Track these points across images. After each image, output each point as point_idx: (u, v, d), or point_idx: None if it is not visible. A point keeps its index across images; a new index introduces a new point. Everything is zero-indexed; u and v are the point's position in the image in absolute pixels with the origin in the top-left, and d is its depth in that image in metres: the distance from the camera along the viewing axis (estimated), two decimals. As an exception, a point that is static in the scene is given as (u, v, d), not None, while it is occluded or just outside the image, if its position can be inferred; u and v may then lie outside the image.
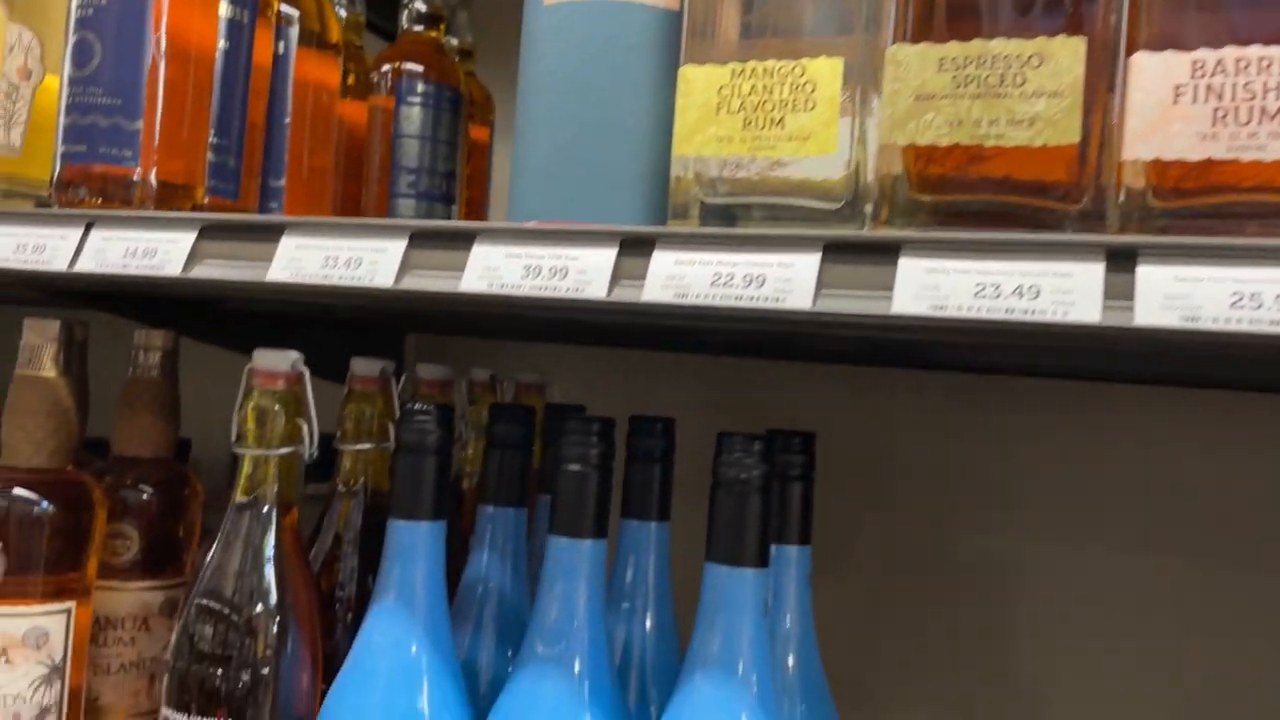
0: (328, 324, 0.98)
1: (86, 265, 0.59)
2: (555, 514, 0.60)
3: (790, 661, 0.62)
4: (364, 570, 0.72)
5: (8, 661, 0.68)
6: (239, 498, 0.62)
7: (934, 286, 0.42)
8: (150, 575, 0.79)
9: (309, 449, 0.63)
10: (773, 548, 0.62)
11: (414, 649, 0.60)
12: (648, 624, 0.69)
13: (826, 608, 1.09)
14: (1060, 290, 0.41)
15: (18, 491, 0.70)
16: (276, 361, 0.62)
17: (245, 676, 0.59)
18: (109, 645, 0.78)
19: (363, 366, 0.71)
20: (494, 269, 0.50)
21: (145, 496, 0.79)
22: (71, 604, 0.71)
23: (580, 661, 0.58)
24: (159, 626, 0.80)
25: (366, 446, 0.71)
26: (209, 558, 0.61)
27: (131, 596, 0.79)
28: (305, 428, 0.63)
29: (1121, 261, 0.41)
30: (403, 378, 0.79)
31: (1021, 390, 1.06)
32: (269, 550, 0.61)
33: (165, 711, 0.59)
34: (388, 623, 0.60)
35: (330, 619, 0.70)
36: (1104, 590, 1.02)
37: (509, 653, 0.69)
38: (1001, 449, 1.06)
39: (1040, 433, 1.05)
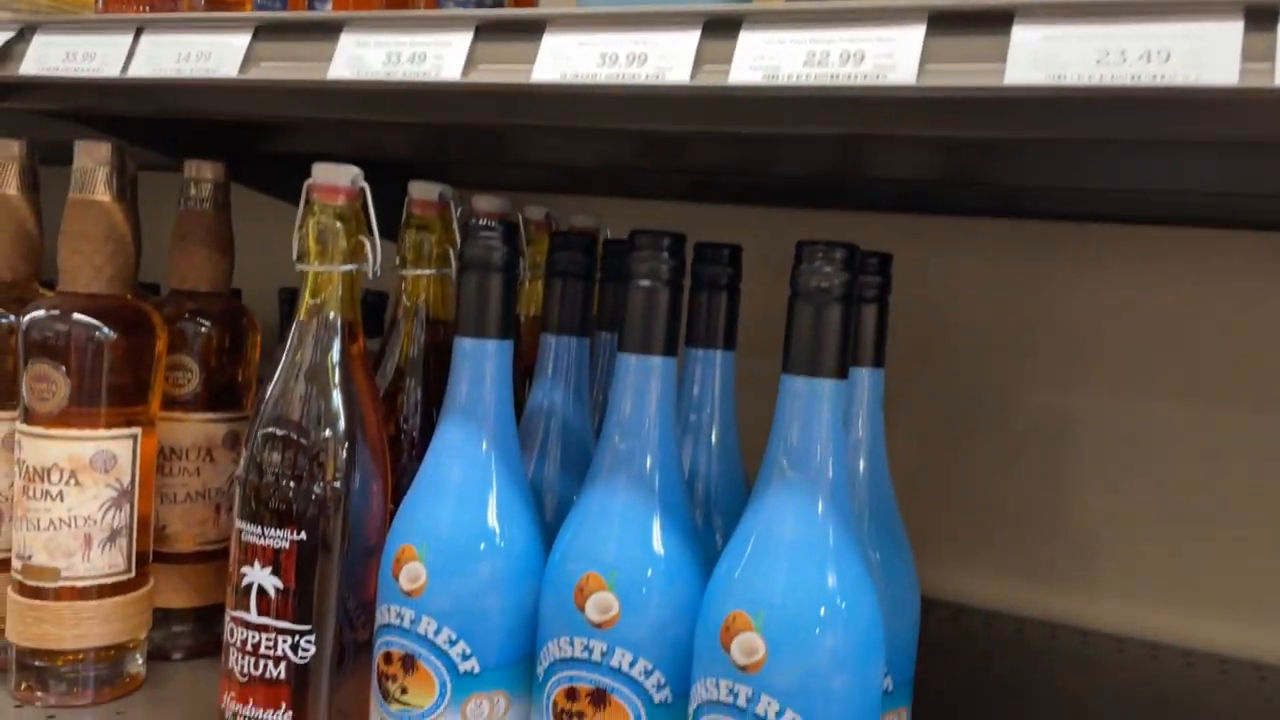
0: (370, 177, 0.96)
1: (139, 70, 0.57)
2: (625, 331, 0.58)
3: (864, 485, 0.61)
4: (426, 400, 0.72)
5: (77, 483, 0.69)
6: (302, 317, 0.61)
7: (1051, 55, 0.39)
8: (212, 408, 0.80)
9: (372, 266, 0.61)
10: (847, 370, 0.61)
11: (484, 464, 0.59)
12: (713, 453, 0.68)
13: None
14: (1192, 52, 0.37)
15: (78, 317, 0.69)
16: (336, 176, 0.60)
17: (315, 492, 0.58)
18: (174, 475, 0.79)
19: (421, 190, 0.69)
20: (567, 58, 0.48)
21: (204, 329, 0.79)
22: (137, 430, 0.71)
23: (652, 476, 0.57)
24: (222, 458, 0.80)
25: (428, 272, 0.69)
26: (275, 376, 0.61)
27: (194, 428, 0.79)
28: (367, 244, 0.61)
29: (1261, 19, 0.37)
30: (458, 210, 0.77)
31: (1083, 238, 1.02)
32: (335, 364, 0.60)
33: (238, 524, 0.59)
34: (456, 438, 0.60)
35: (394, 448, 0.70)
36: (1164, 442, 1.00)
37: (574, 480, 0.68)
38: (1061, 299, 1.03)
39: (1101, 282, 1.02)
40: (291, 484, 0.58)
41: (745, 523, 0.54)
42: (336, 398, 0.60)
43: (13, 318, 0.73)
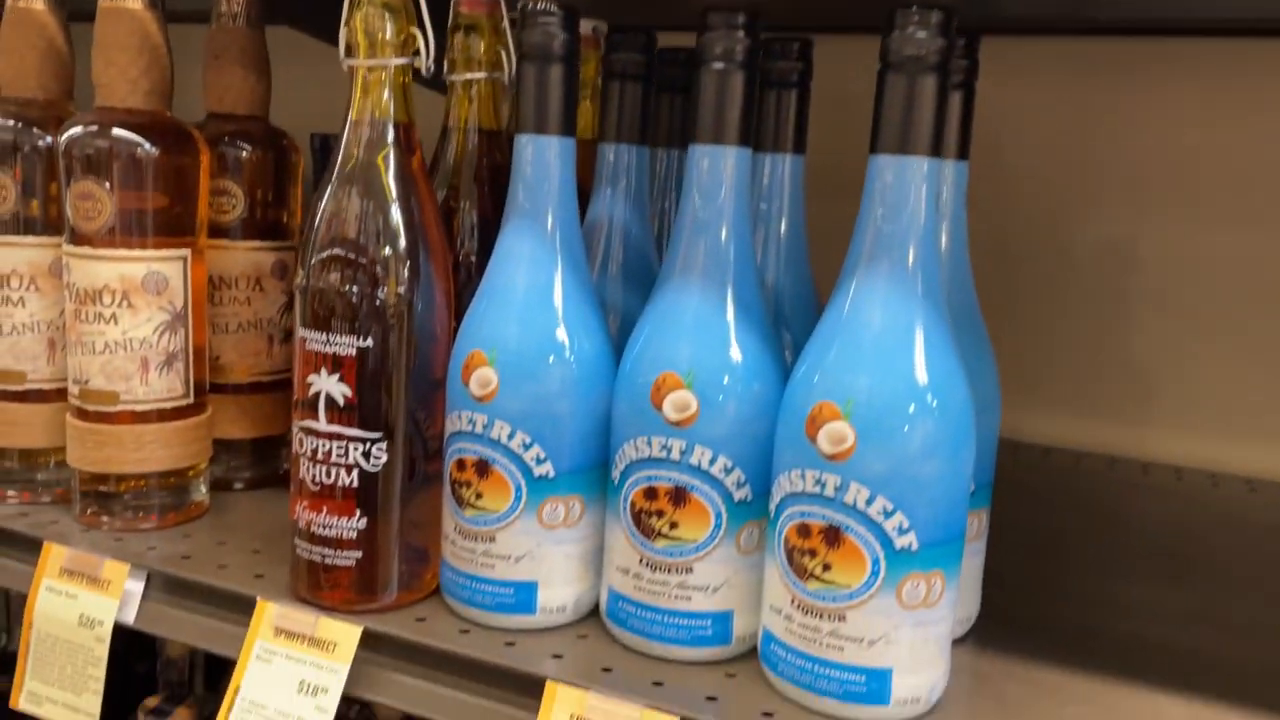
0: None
1: None
2: (698, 119, 0.55)
3: (948, 281, 0.59)
4: (480, 217, 0.69)
5: (129, 305, 0.67)
6: (353, 116, 0.58)
7: None
8: (259, 235, 0.77)
9: (425, 61, 0.58)
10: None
11: (550, 266, 0.57)
12: (783, 260, 0.65)
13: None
14: None
15: (118, 132, 0.66)
16: (383, -38, 0.56)
17: (379, 298, 0.56)
18: (225, 305, 0.77)
19: (469, -12, 0.65)
20: None
21: (245, 152, 0.76)
22: (186, 252, 0.69)
23: (726, 273, 0.55)
24: (272, 288, 0.78)
25: (478, 76, 0.66)
26: (329, 178, 0.58)
27: (243, 256, 0.77)
28: (420, 36, 0.57)
29: None
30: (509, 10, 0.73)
31: (1148, 58, 0.96)
32: (390, 164, 0.57)
33: (301, 332, 0.58)
34: (522, 241, 0.57)
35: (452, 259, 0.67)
36: (1221, 271, 0.97)
37: (636, 292, 0.66)
38: (1123, 124, 0.98)
39: (1164, 106, 0.97)
40: (354, 288, 0.56)
41: (830, 313, 0.52)
42: (394, 200, 0.58)
43: (50, 139, 0.71)
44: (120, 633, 0.65)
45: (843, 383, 0.50)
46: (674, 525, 0.55)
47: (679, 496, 0.54)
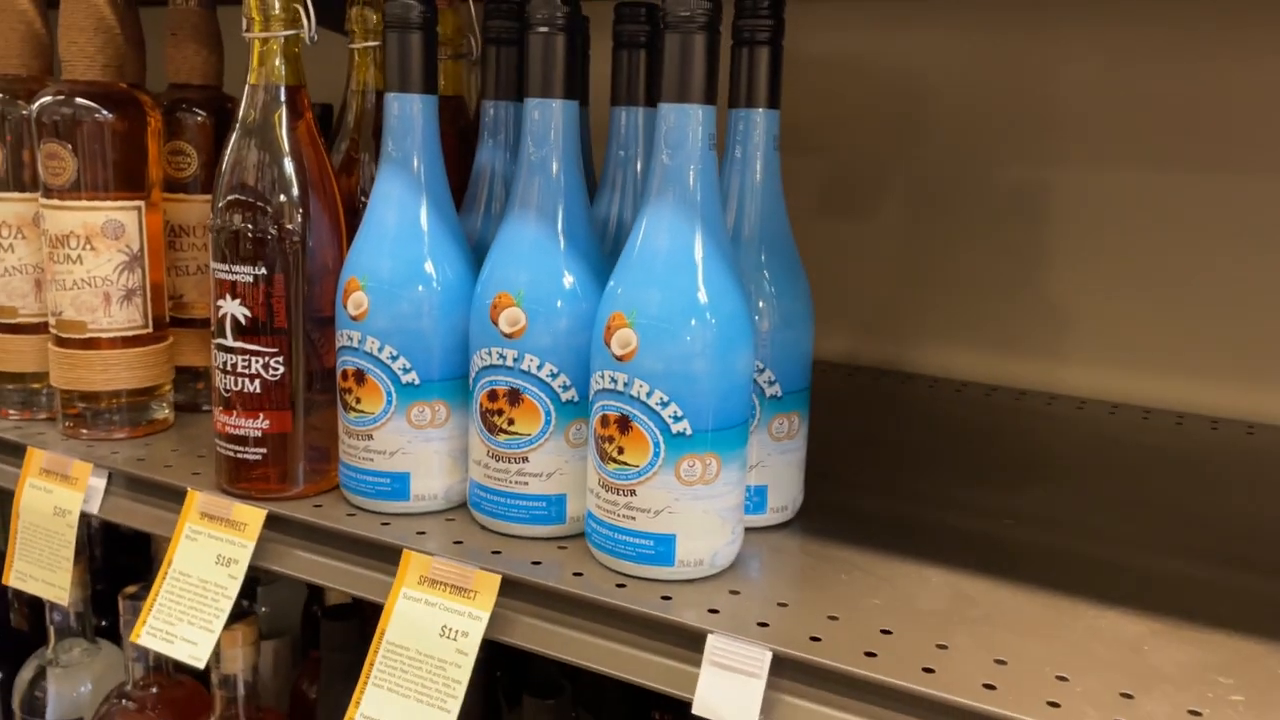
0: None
1: None
2: (528, 78, 0.64)
3: (759, 217, 0.67)
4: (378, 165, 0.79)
5: (92, 249, 0.80)
6: (251, 80, 0.69)
7: None
8: (211, 189, 0.89)
9: (309, 32, 0.68)
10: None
11: (415, 207, 0.67)
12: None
13: (862, 240, 1.14)
14: None
15: (79, 100, 0.78)
16: (270, -52, 0.67)
17: (270, 232, 0.67)
18: (185, 250, 0.89)
19: (364, -33, 0.75)
20: None
21: (199, 117, 0.88)
22: (140, 203, 0.81)
23: (555, 206, 0.64)
24: (225, 235, 0.90)
25: (374, 45, 0.76)
26: (232, 133, 0.69)
27: (197, 208, 0.89)
28: (302, 11, 0.68)
29: None
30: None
31: (1063, 6, 1.02)
32: (283, 122, 0.68)
33: (213, 265, 0.69)
34: (391, 185, 0.68)
35: (350, 216, 0.78)
36: (1135, 210, 1.02)
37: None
38: (1038, 71, 1.04)
39: (1074, 52, 1.02)
40: (251, 227, 0.67)
41: (628, 241, 0.61)
42: (286, 153, 0.68)
43: (29, 109, 0.83)
44: (126, 540, 0.76)
45: (630, 296, 0.59)
46: (511, 422, 0.65)
47: (514, 397, 0.64)
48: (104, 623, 1.07)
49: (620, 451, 0.60)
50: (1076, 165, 1.04)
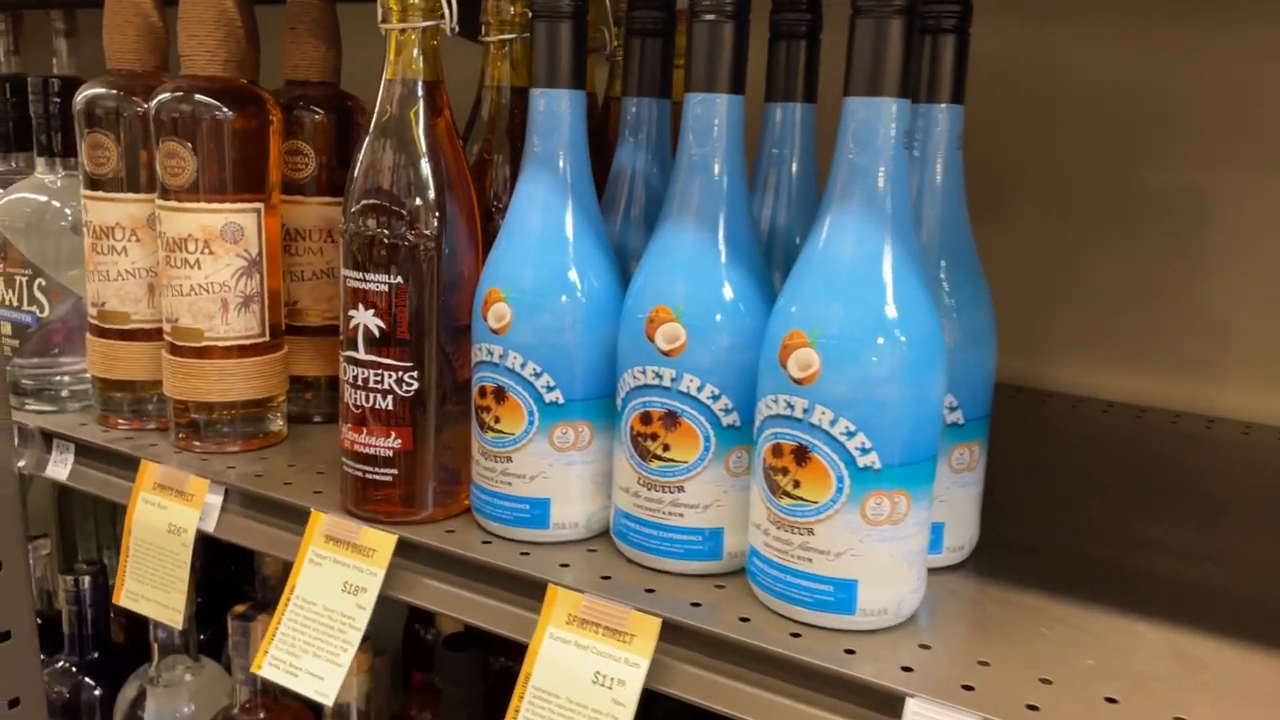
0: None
1: None
2: (690, 69, 0.58)
3: (939, 223, 0.61)
4: (513, 167, 0.74)
5: (210, 252, 0.76)
6: (387, 75, 0.64)
7: None
8: (330, 191, 0.85)
9: (450, 23, 0.63)
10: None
11: (561, 211, 0.62)
12: (794, 202, 0.68)
13: (1000, 249, 1.07)
14: None
15: (199, 97, 0.74)
16: (410, -67, 0.62)
17: (408, 239, 0.63)
18: (300, 254, 0.85)
19: (500, -44, 0.70)
20: None
21: (317, 116, 0.84)
22: (259, 205, 0.77)
23: (717, 212, 0.58)
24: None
25: (510, 37, 0.71)
26: (367, 132, 0.64)
27: (315, 210, 0.85)
28: (443, 0, 0.63)
29: None
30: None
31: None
32: (420, 120, 0.63)
33: (344, 273, 0.65)
34: (535, 187, 0.63)
35: (485, 220, 0.73)
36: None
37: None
38: (1195, 67, 0.96)
39: (1231, 45, 0.94)
40: (387, 232, 0.63)
41: (806, 248, 0.55)
42: (423, 153, 0.63)
43: (145, 106, 0.80)
44: (228, 552, 0.73)
45: (811, 312, 0.53)
46: (667, 448, 0.59)
47: (670, 420, 0.59)
48: (202, 636, 1.04)
49: (796, 485, 0.54)
50: (1235, 167, 0.96)
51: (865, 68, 0.52)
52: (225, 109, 0.75)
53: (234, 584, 1.15)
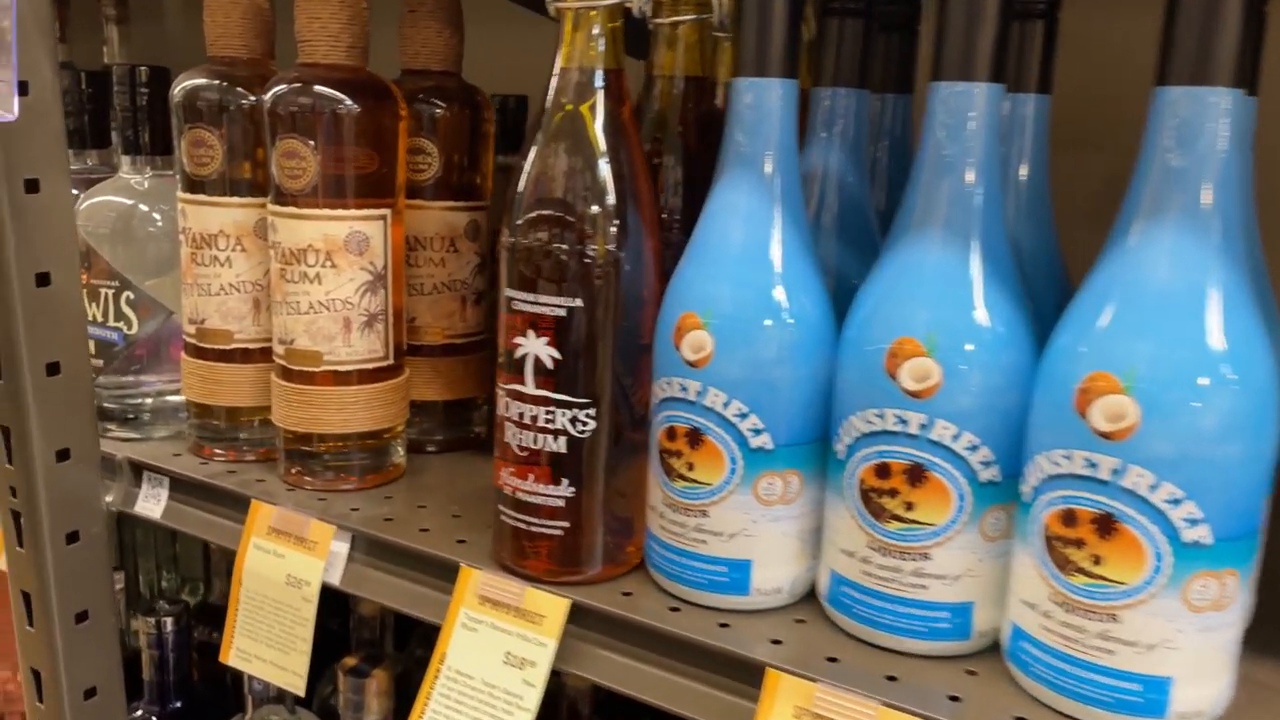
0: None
1: None
2: (942, 54, 0.49)
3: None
4: (686, 169, 0.65)
5: (333, 265, 0.67)
6: (561, 63, 0.55)
7: None
8: (452, 195, 0.76)
9: (638, 0, 0.54)
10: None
11: (768, 221, 0.53)
12: (1023, 209, 0.59)
13: None
14: None
15: (321, 89, 0.65)
16: (592, -106, 0.53)
17: (589, 256, 0.53)
18: (420, 266, 0.76)
19: (677, -77, 0.61)
20: None
21: (440, 109, 0.74)
22: (386, 212, 0.68)
23: (972, 225, 0.49)
24: (465, 249, 0.77)
25: (686, 19, 0.61)
26: (538, 127, 0.55)
27: (437, 215, 0.76)
28: (632, -27, 0.53)
29: None
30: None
31: None
32: (599, 111, 0.54)
33: (508, 292, 0.55)
34: (738, 196, 0.53)
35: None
36: None
37: (851, 247, 0.61)
38: None
39: None
40: (563, 247, 0.53)
41: (1102, 269, 0.45)
42: (603, 154, 0.54)
43: (253, 98, 0.71)
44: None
45: (1121, 350, 0.43)
46: (909, 507, 0.49)
47: (916, 475, 0.49)
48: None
49: (1096, 561, 0.44)
50: None
51: (1189, 53, 0.43)
52: (351, 102, 0.65)
53: (326, 628, 1.06)
